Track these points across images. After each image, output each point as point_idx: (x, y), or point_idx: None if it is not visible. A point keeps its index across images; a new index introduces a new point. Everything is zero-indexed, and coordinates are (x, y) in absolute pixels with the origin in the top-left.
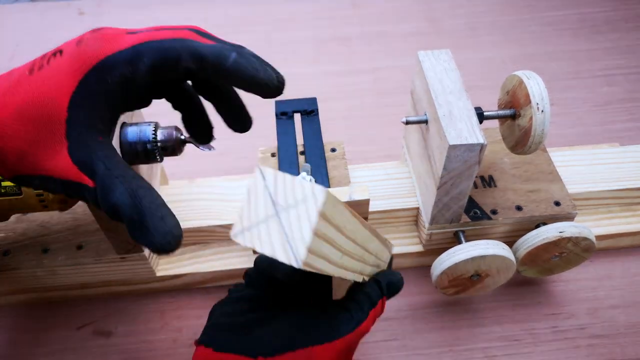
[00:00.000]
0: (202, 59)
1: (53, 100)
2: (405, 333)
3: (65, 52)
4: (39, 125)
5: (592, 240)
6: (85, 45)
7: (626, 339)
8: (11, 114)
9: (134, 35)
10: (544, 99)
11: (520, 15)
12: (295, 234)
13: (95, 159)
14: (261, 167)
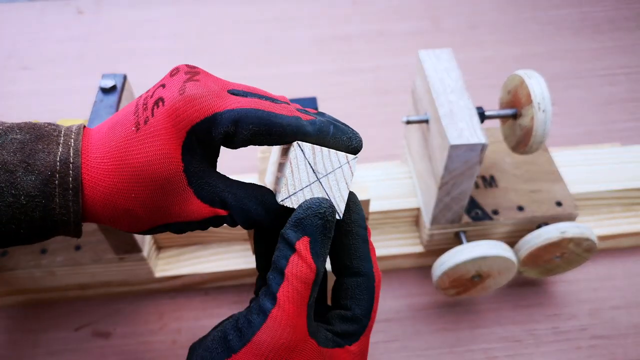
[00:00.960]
0: (305, 136)
1: (168, 156)
2: (406, 334)
3: (167, 102)
4: (161, 182)
5: (594, 240)
6: (187, 97)
7: (628, 340)
8: (130, 176)
9: (237, 99)
10: (545, 99)
11: (521, 14)
12: (335, 193)
13: (219, 192)
14: (299, 142)
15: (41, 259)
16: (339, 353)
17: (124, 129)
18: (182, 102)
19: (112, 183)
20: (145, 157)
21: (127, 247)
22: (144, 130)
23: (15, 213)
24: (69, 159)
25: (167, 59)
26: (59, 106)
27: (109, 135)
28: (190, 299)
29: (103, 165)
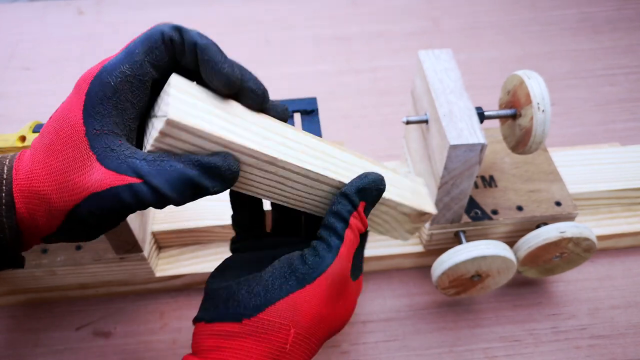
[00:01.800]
0: (181, 30)
1: (67, 119)
2: (406, 333)
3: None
4: (64, 150)
5: (593, 240)
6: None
7: (627, 340)
8: (42, 153)
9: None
10: (544, 99)
11: (520, 15)
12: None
13: (127, 158)
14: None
15: (42, 259)
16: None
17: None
18: (79, 77)
19: (28, 170)
20: (50, 128)
21: (128, 246)
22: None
23: None
24: (3, 175)
25: None
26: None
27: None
28: (190, 298)
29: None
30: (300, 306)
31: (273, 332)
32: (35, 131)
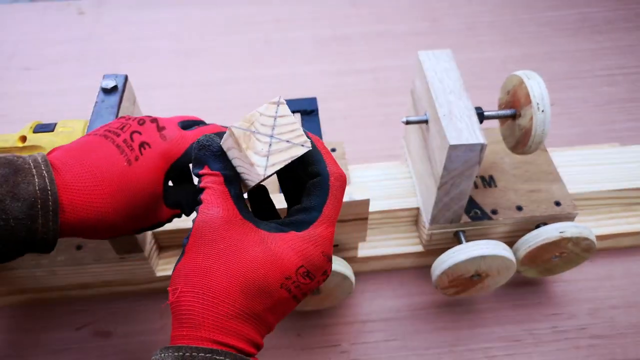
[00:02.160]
0: None
1: (155, 189)
2: (406, 333)
3: (154, 146)
4: (147, 205)
5: (593, 240)
6: (168, 142)
7: (627, 339)
8: (129, 204)
9: (191, 132)
10: (544, 99)
11: (520, 15)
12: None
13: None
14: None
15: (42, 259)
16: (282, 236)
17: (114, 164)
18: (166, 144)
19: (93, 202)
20: (142, 183)
21: (128, 247)
22: (137, 165)
23: (3, 234)
24: (47, 187)
25: (168, 59)
26: (60, 106)
27: (90, 167)
28: None
29: (82, 188)
30: (180, 268)
31: (170, 299)
32: (36, 131)
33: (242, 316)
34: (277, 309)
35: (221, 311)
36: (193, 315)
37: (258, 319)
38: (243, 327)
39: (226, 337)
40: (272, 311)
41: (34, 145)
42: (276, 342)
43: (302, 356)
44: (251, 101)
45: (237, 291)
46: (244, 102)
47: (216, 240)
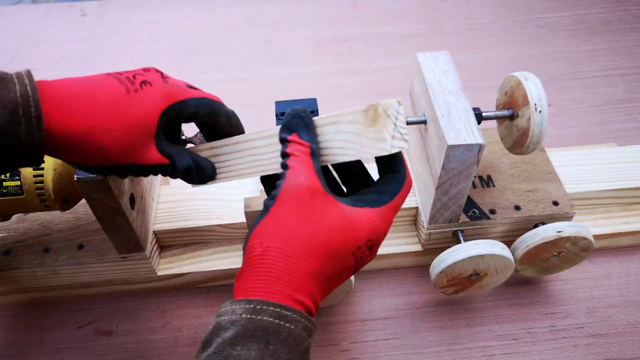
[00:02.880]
0: (229, 117)
1: (149, 121)
2: (404, 332)
3: (155, 85)
4: (138, 136)
5: (590, 239)
6: (170, 86)
7: (624, 338)
8: (120, 128)
9: (194, 90)
10: (542, 100)
11: (518, 17)
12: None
13: (167, 147)
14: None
15: (44, 258)
16: (358, 210)
17: (112, 90)
18: (167, 87)
19: (86, 121)
20: (134, 118)
21: (130, 246)
22: (133, 96)
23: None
24: (28, 94)
25: (169, 60)
26: None
27: (87, 87)
28: (192, 297)
29: (74, 102)
30: (265, 224)
31: (251, 253)
32: None
33: (317, 276)
34: (341, 275)
35: (300, 269)
36: (274, 269)
37: (327, 282)
38: (315, 287)
39: (300, 294)
40: (338, 277)
41: None
42: None
43: None
44: (251, 101)
45: (317, 253)
46: (244, 102)
47: (302, 205)
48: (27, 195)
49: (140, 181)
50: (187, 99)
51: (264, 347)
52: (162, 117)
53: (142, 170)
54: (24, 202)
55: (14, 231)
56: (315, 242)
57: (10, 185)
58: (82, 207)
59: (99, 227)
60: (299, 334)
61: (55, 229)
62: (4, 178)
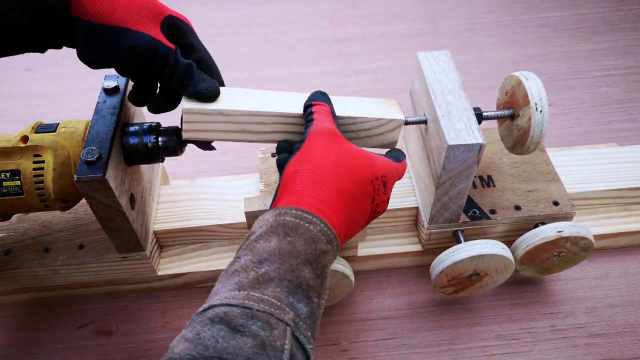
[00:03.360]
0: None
1: (158, 7)
2: (405, 332)
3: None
4: (148, 9)
5: (591, 239)
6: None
7: (624, 338)
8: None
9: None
10: (542, 100)
11: (518, 16)
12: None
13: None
14: None
15: (44, 258)
16: (374, 154)
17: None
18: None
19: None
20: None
21: (130, 245)
22: None
23: (17, 1)
24: None
25: None
26: (62, 107)
27: None
28: (192, 297)
29: None
30: (298, 156)
31: (285, 178)
32: (38, 131)
33: (341, 193)
34: (362, 202)
35: (327, 185)
36: (304, 185)
37: (351, 203)
38: (340, 202)
39: (325, 205)
40: (360, 203)
41: (36, 146)
42: None
43: None
44: None
45: (342, 173)
46: None
47: (329, 141)
48: (27, 195)
49: (140, 181)
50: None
51: (283, 238)
52: (169, 17)
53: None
54: (24, 202)
55: (14, 231)
56: (341, 165)
57: (10, 185)
58: (82, 207)
59: (99, 227)
60: (316, 234)
61: (55, 229)
62: (4, 178)
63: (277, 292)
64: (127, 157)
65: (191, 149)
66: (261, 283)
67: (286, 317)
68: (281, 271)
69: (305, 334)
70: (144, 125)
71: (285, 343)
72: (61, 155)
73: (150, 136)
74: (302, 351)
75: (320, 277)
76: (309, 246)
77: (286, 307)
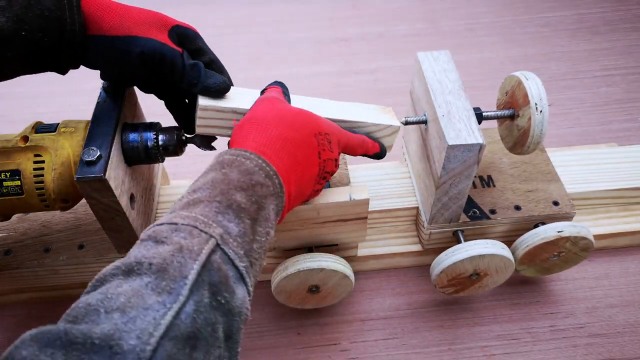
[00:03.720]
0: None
1: (166, 18)
2: (405, 332)
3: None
4: (157, 19)
5: (591, 239)
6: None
7: (624, 338)
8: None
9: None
10: (542, 100)
11: (518, 16)
12: None
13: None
14: None
15: (44, 258)
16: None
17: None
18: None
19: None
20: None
21: (130, 245)
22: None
23: (41, 22)
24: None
25: None
26: (62, 107)
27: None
28: None
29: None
30: (245, 116)
31: (234, 133)
32: (38, 131)
33: (283, 139)
34: (306, 152)
35: (269, 133)
36: (247, 134)
37: (295, 151)
38: (283, 149)
39: (268, 149)
40: (303, 151)
41: (36, 146)
42: (276, 341)
43: (302, 354)
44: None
45: (285, 123)
46: None
47: (272, 103)
48: (27, 195)
49: (140, 181)
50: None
51: (218, 171)
52: (176, 26)
53: (154, 47)
54: (24, 202)
55: (14, 231)
56: (283, 118)
57: (10, 185)
58: (82, 207)
59: (99, 227)
60: (252, 168)
61: (55, 229)
62: (4, 178)
63: (206, 211)
64: (127, 157)
65: (191, 149)
66: (191, 205)
67: (211, 230)
68: (212, 195)
69: (236, 251)
70: (144, 125)
71: (204, 248)
72: (61, 155)
73: (150, 136)
74: (233, 268)
75: (256, 205)
76: (243, 176)
77: (213, 223)
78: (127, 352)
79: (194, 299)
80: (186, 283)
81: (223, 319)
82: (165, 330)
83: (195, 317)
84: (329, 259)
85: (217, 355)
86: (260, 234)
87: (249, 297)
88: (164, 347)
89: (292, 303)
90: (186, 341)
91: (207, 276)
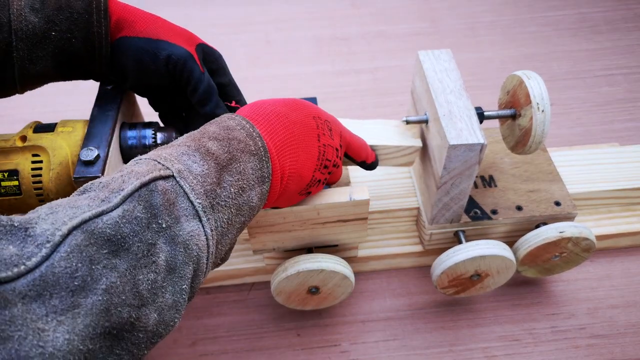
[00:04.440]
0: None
1: (193, 36)
2: (405, 333)
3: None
4: (185, 33)
5: (592, 240)
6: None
7: (626, 339)
8: (173, 25)
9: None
10: (544, 99)
11: (520, 16)
12: None
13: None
14: None
15: None
16: None
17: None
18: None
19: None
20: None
21: None
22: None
23: (70, 25)
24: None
25: None
26: (61, 106)
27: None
28: None
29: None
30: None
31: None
32: (36, 131)
33: (278, 114)
34: (303, 130)
35: (264, 109)
36: (243, 109)
37: (290, 124)
38: (274, 119)
39: (258, 117)
40: (300, 129)
41: (34, 145)
42: (276, 342)
43: (302, 356)
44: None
45: (281, 103)
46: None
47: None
48: (25, 195)
49: None
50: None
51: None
52: (202, 44)
53: (180, 59)
54: (22, 202)
55: None
56: (280, 99)
57: (8, 185)
58: None
59: None
60: (232, 125)
61: None
62: (2, 178)
63: (172, 151)
64: (126, 157)
65: None
66: (161, 149)
67: (170, 164)
68: (183, 141)
69: (194, 187)
70: (142, 124)
71: (152, 172)
72: (59, 155)
73: (148, 135)
74: (187, 201)
75: (229, 154)
76: (221, 130)
77: (175, 160)
78: (38, 235)
79: (124, 208)
80: (120, 194)
81: (166, 246)
82: (80, 222)
83: (119, 223)
84: (329, 259)
85: (150, 279)
86: (229, 182)
87: (206, 239)
88: (75, 236)
89: (291, 304)
90: (105, 243)
91: (146, 195)
